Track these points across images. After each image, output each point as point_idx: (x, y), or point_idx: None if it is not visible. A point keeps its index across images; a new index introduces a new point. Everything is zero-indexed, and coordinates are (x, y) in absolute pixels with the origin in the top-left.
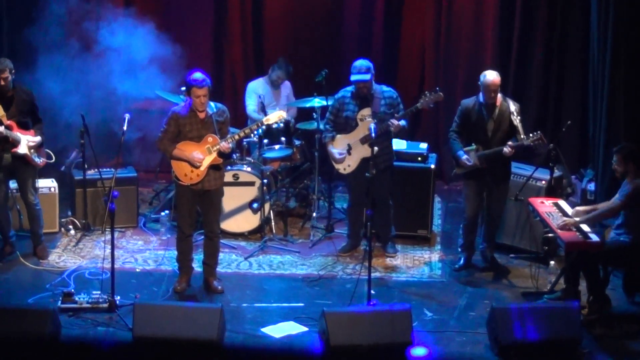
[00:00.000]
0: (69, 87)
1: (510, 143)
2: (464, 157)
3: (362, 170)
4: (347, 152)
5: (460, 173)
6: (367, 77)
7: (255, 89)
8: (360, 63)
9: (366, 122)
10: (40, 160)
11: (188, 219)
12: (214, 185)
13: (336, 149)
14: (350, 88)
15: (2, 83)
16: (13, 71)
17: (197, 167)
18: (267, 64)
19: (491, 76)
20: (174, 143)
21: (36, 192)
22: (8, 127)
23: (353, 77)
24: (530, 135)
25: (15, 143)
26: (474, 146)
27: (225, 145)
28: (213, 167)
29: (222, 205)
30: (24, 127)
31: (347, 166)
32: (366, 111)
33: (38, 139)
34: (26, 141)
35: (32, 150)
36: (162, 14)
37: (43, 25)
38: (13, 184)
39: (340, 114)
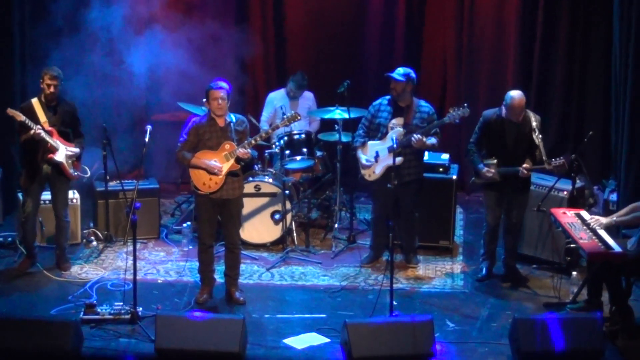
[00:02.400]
0: (93, 98)
1: (526, 166)
2: (485, 169)
3: (386, 179)
4: (374, 159)
5: (479, 183)
6: (400, 78)
7: (273, 100)
8: (402, 68)
9: (395, 131)
10: (76, 174)
11: (208, 230)
12: (232, 195)
13: (364, 155)
14: (388, 96)
15: (52, 90)
16: (62, 81)
17: (216, 175)
18: (289, 76)
19: (517, 98)
20: (193, 153)
21: (67, 205)
22: (48, 133)
23: (387, 74)
24: (553, 160)
25: (53, 149)
26: (494, 160)
27: (243, 151)
28: (231, 174)
29: (244, 216)
30: (64, 137)
31: (372, 173)
32: (398, 120)
33: (77, 150)
34: (64, 151)
35: (69, 162)
36: (184, 26)
37: (66, 36)
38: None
39: (374, 120)
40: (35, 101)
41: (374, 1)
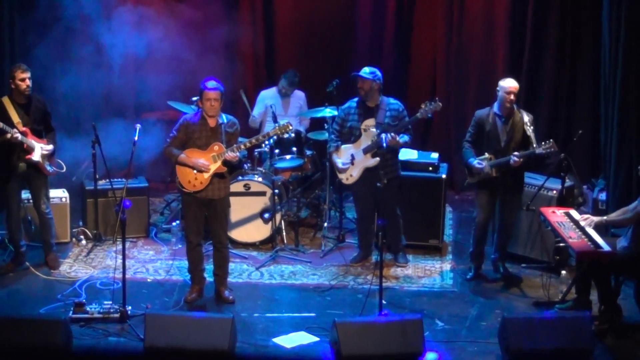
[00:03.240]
0: (81, 95)
1: (516, 153)
2: (476, 161)
3: (365, 180)
4: (350, 162)
5: (472, 182)
6: (368, 76)
7: (264, 98)
8: (367, 67)
9: (369, 132)
10: (51, 169)
11: (195, 228)
12: (218, 195)
13: (340, 158)
14: (356, 98)
15: (28, 83)
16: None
17: (203, 173)
18: (278, 75)
19: (509, 80)
20: (181, 150)
21: (48, 201)
22: (23, 134)
23: (354, 73)
24: (543, 143)
25: (30, 150)
26: (486, 155)
27: (232, 154)
28: (217, 175)
29: (233, 215)
30: (37, 134)
31: (349, 176)
32: (370, 121)
33: (51, 147)
34: (40, 149)
35: (44, 159)
36: (174, 25)
37: (55, 34)
38: (24, 195)
39: (345, 124)
40: (5, 100)
41: (364, 1)
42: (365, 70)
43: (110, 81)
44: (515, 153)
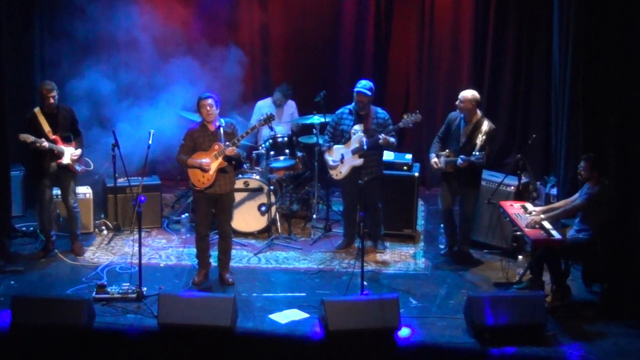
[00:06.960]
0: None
1: (462, 156)
2: (433, 160)
3: (352, 177)
4: (340, 160)
5: (434, 172)
6: (368, 93)
7: (261, 108)
8: (366, 82)
9: (358, 136)
10: (80, 169)
11: (204, 221)
12: (224, 190)
13: (331, 157)
14: (349, 106)
15: (52, 101)
16: (57, 92)
17: (207, 171)
18: (273, 87)
19: (466, 92)
20: (190, 155)
21: (75, 196)
22: (53, 141)
23: (356, 88)
24: (476, 153)
25: (60, 155)
26: (447, 152)
27: (230, 149)
28: (222, 171)
29: (235, 208)
30: (66, 140)
31: (339, 173)
32: (359, 126)
33: (79, 151)
34: (69, 153)
35: (73, 160)
36: (183, 46)
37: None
38: (54, 191)
39: (337, 127)
40: (37, 111)
41: (347, 22)
42: (365, 86)
43: (126, 94)
44: (462, 156)
